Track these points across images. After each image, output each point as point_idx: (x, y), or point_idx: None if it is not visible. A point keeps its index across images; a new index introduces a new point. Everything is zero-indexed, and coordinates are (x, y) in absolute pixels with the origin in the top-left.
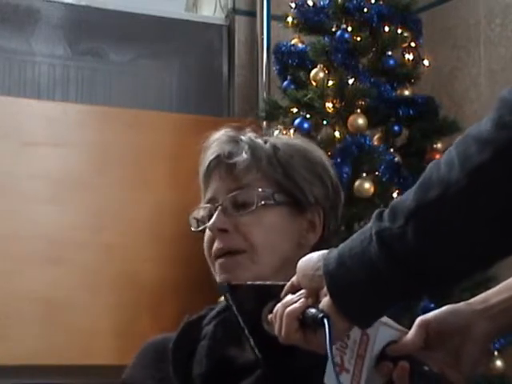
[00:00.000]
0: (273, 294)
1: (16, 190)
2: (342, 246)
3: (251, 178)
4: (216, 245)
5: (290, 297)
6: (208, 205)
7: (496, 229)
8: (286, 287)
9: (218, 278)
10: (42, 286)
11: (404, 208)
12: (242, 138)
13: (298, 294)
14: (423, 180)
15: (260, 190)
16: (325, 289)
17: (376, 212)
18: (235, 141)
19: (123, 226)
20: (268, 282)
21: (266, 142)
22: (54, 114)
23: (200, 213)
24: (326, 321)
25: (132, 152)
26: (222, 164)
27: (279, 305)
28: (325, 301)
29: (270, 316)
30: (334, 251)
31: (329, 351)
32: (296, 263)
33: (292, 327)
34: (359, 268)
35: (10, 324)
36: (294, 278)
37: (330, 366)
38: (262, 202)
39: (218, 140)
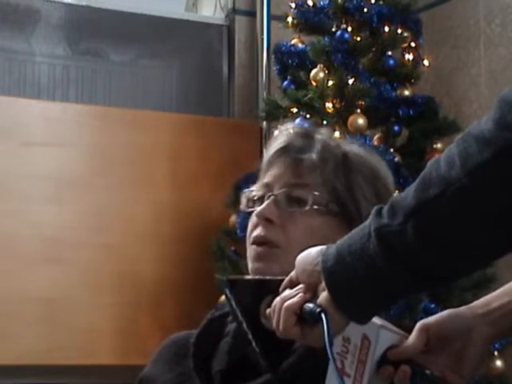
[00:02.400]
0: (271, 289)
1: (16, 190)
2: (340, 242)
3: (312, 180)
4: (257, 231)
5: (288, 291)
6: (263, 189)
7: (496, 227)
8: (284, 282)
9: (249, 265)
10: (42, 286)
11: (404, 205)
12: (317, 135)
13: (296, 288)
14: (423, 178)
15: (316, 193)
16: (323, 284)
17: (375, 208)
18: (309, 136)
19: (123, 226)
20: (267, 277)
21: (338, 147)
22: (54, 114)
23: (252, 194)
24: (323, 315)
25: (132, 152)
26: (289, 156)
27: (277, 299)
28: (323, 296)
29: (268, 310)
30: (333, 247)
31: (328, 345)
32: None
33: (290, 322)
34: (358, 264)
35: (10, 324)
36: (292, 273)
37: (331, 368)
38: (315, 207)
39: (291, 131)
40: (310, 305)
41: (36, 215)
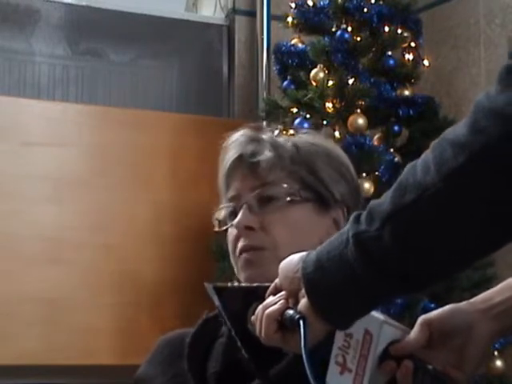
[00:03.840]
0: (258, 296)
1: (16, 190)
2: (320, 248)
3: (276, 176)
4: (242, 242)
5: (270, 298)
6: (230, 204)
7: (471, 232)
8: (269, 289)
9: (240, 276)
10: (42, 286)
11: (381, 211)
12: (264, 137)
13: (278, 295)
14: (400, 183)
15: (285, 185)
16: (303, 290)
17: (353, 215)
18: (256, 140)
19: (123, 226)
20: (254, 284)
21: (287, 142)
22: (54, 114)
23: (222, 213)
24: (301, 322)
25: (132, 152)
26: (245, 163)
27: (260, 306)
28: (303, 302)
29: (253, 317)
30: (313, 253)
31: (303, 352)
32: None
33: (271, 328)
34: (336, 270)
35: (10, 324)
36: (276, 280)
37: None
38: (288, 199)
39: (238, 140)
40: (291, 311)
41: (36, 215)
